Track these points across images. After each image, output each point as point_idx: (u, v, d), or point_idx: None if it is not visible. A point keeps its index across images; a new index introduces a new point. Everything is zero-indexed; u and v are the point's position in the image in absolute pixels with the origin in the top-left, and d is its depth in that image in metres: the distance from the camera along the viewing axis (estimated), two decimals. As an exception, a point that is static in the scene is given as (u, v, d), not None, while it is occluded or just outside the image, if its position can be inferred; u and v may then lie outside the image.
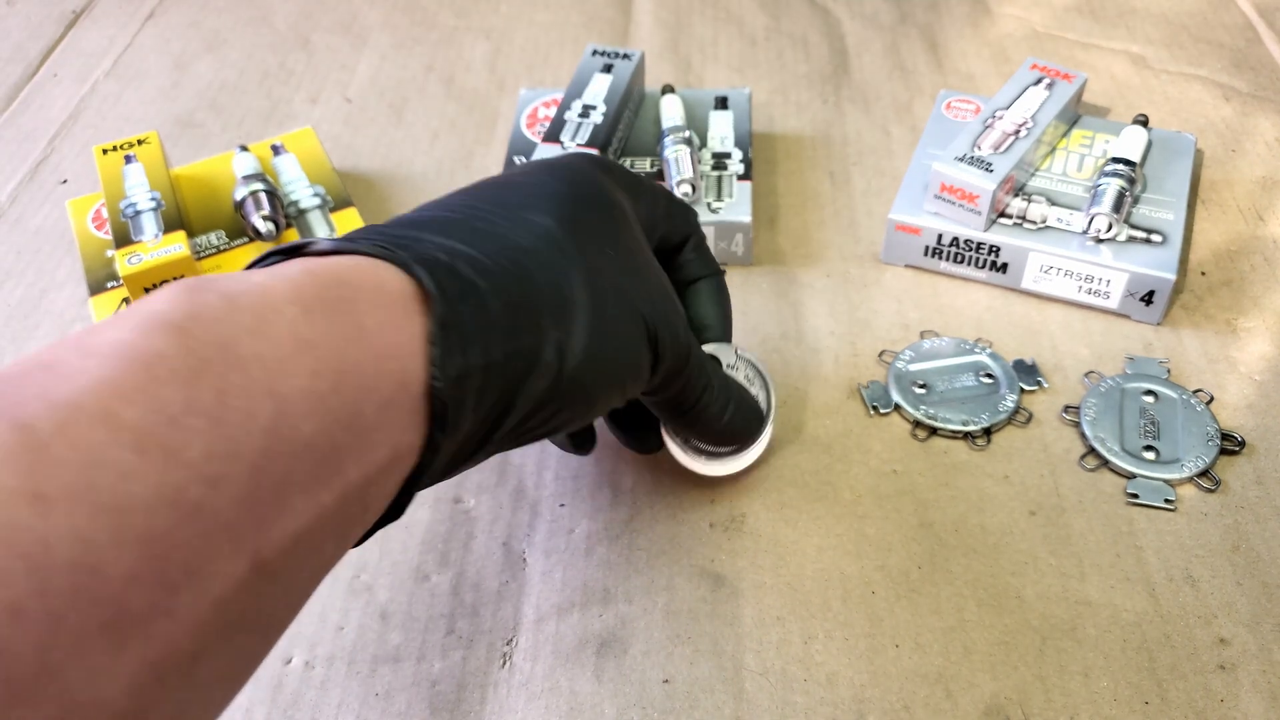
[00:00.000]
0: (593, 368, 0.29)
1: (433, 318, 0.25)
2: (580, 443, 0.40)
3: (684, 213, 0.38)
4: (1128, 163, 0.49)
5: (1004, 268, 0.49)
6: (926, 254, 0.50)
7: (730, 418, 0.37)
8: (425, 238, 0.28)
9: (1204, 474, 0.41)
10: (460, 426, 0.26)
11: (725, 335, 0.39)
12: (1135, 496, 0.41)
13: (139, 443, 0.19)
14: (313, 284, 0.24)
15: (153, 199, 0.49)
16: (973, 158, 0.49)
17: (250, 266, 0.27)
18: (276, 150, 0.56)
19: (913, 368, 0.46)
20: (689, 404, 0.35)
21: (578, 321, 0.29)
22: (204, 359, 0.21)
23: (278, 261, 0.26)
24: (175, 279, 0.46)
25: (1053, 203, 0.50)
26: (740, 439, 0.39)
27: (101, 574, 0.18)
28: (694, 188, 0.50)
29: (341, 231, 0.51)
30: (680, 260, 0.38)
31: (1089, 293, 0.48)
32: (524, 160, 0.53)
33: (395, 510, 0.27)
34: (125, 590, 0.18)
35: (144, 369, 0.20)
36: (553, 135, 0.51)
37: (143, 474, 0.19)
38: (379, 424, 0.24)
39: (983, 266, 0.50)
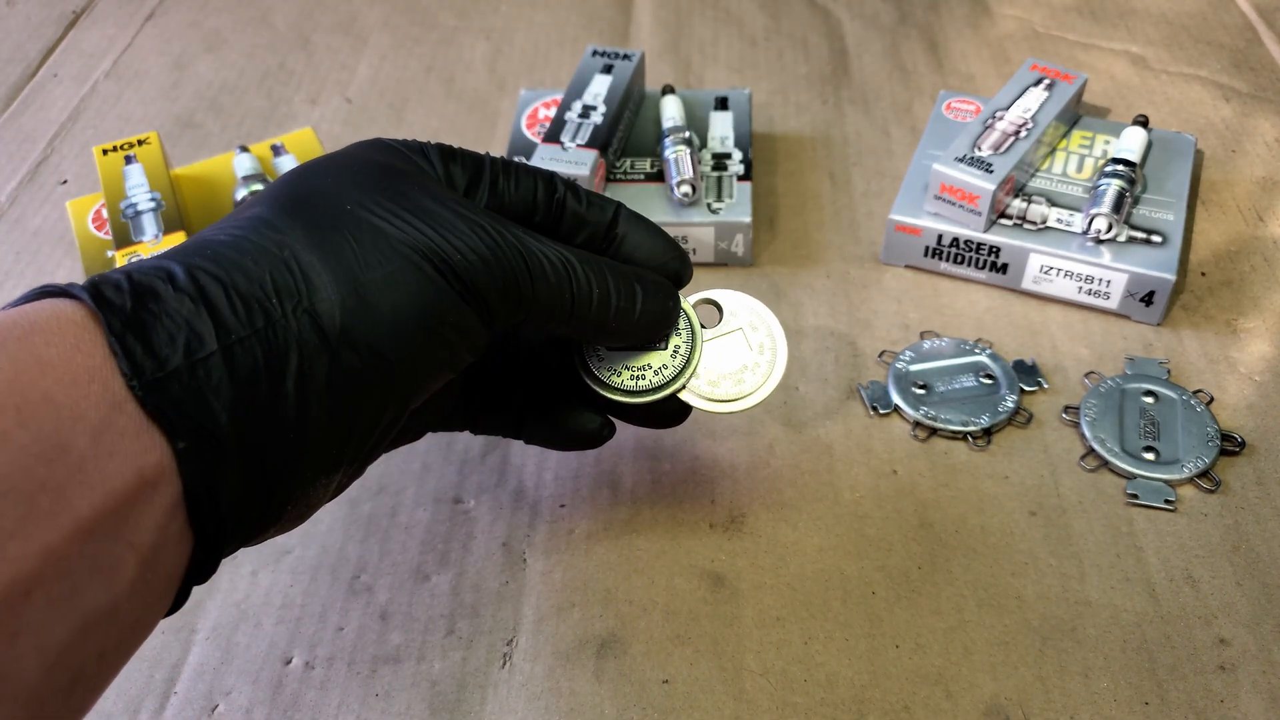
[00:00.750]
0: (372, 326, 0.27)
1: (109, 334, 0.24)
2: (582, 436, 0.38)
3: (527, 170, 0.34)
4: (1128, 163, 0.49)
5: (1004, 268, 0.49)
6: (926, 254, 0.50)
7: (643, 303, 0.33)
8: (134, 267, 0.26)
9: (1204, 474, 0.41)
10: (214, 433, 0.25)
11: (673, 261, 0.36)
12: (1135, 497, 0.41)
13: None
14: None
15: (153, 199, 0.49)
16: (973, 158, 0.49)
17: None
18: (277, 150, 0.56)
19: (913, 368, 0.46)
20: (585, 318, 0.32)
21: (319, 288, 0.27)
22: None
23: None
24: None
25: (1053, 203, 0.50)
26: (666, 318, 0.35)
27: None
28: (694, 188, 0.50)
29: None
30: (566, 213, 0.34)
31: (1089, 293, 0.48)
32: (524, 161, 0.53)
33: (233, 539, 0.26)
34: None
35: None
36: (553, 135, 0.51)
37: None
38: (98, 451, 0.22)
39: (983, 267, 0.50)
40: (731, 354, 0.37)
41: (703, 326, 0.37)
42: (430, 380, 0.30)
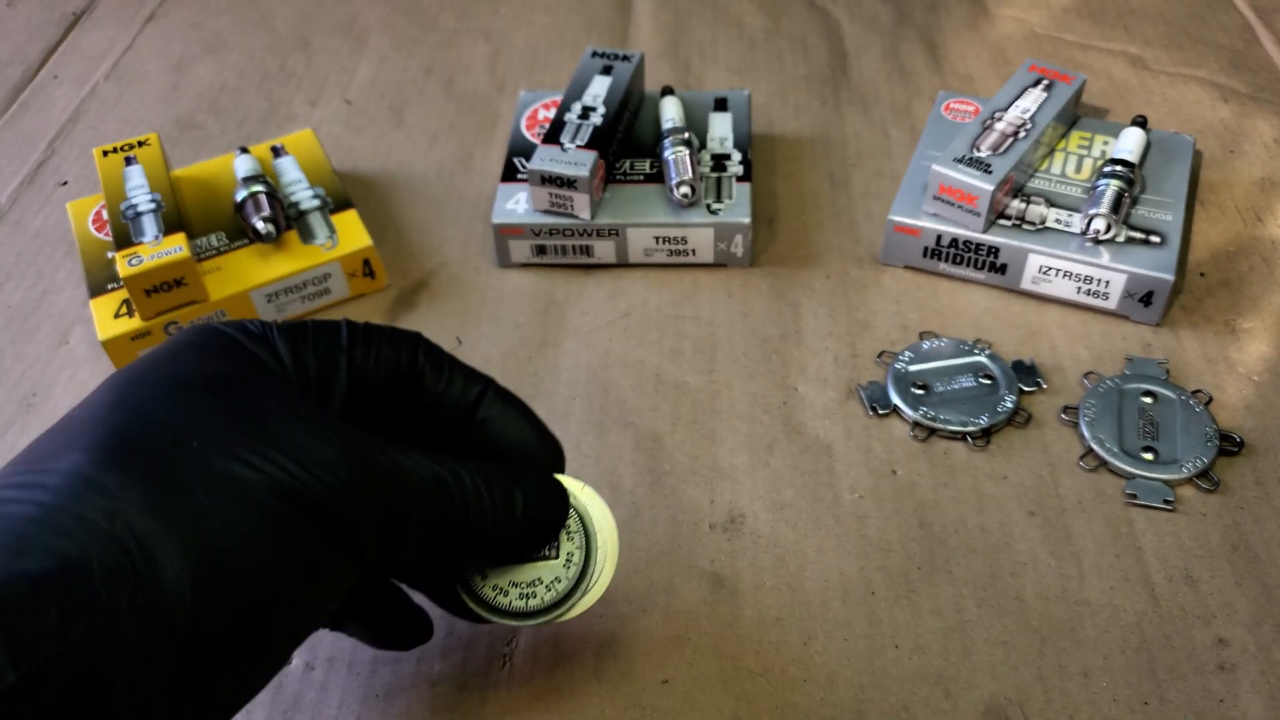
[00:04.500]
0: (231, 597, 0.22)
1: None
2: (390, 631, 0.33)
3: (386, 338, 0.30)
4: (1126, 164, 0.49)
5: (1003, 269, 0.49)
6: (925, 255, 0.51)
7: (524, 510, 0.29)
8: None
9: (1203, 474, 0.41)
10: None
11: (543, 451, 0.32)
12: (1134, 497, 0.41)
13: None
14: None
15: (153, 201, 0.49)
16: (971, 159, 0.49)
17: None
18: (276, 152, 0.56)
19: (912, 369, 0.46)
20: (465, 539, 0.28)
21: (164, 564, 0.22)
22: None
23: None
24: (176, 281, 0.46)
25: (1051, 204, 0.50)
26: (552, 523, 0.31)
27: None
28: (693, 189, 0.50)
29: (341, 232, 0.51)
30: (424, 390, 0.30)
31: (1088, 294, 0.48)
32: (523, 162, 0.53)
33: None
34: None
35: None
36: (552, 136, 0.51)
37: None
38: None
39: (981, 268, 0.50)
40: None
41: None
42: (293, 639, 0.25)
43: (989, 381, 0.45)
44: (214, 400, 0.25)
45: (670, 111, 0.55)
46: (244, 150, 0.55)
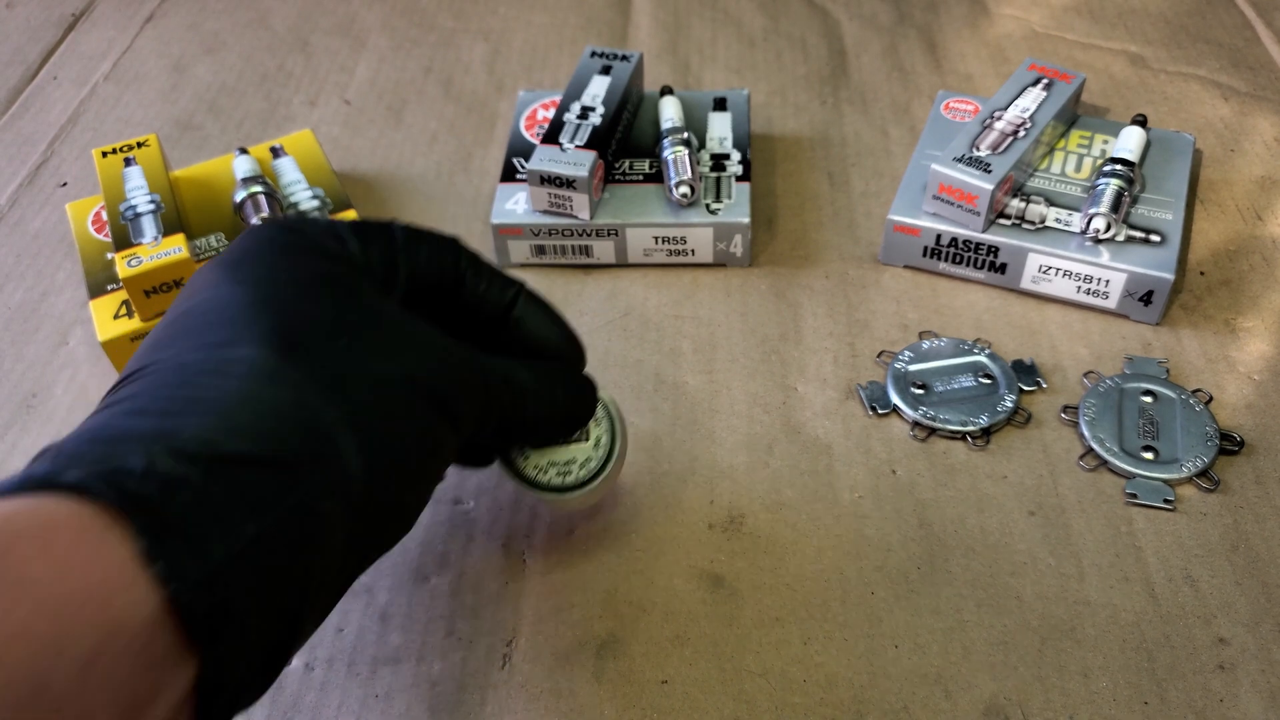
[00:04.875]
0: (388, 482, 0.26)
1: (140, 535, 0.21)
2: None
3: (432, 241, 0.32)
4: (1126, 163, 0.49)
5: (1003, 268, 0.49)
6: (925, 255, 0.50)
7: (565, 401, 0.34)
8: (122, 438, 0.23)
9: (1203, 474, 0.41)
10: (244, 628, 0.22)
11: (569, 348, 0.35)
12: (1134, 496, 0.41)
13: None
14: None
15: (152, 201, 0.49)
16: (971, 158, 0.49)
17: None
18: (276, 152, 0.56)
19: (912, 368, 0.46)
20: (522, 425, 0.32)
21: (344, 451, 0.25)
22: None
23: None
24: (175, 282, 0.46)
25: (1051, 203, 0.50)
26: (586, 413, 0.36)
27: None
28: (692, 189, 0.50)
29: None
30: (466, 291, 0.33)
31: (1088, 293, 0.48)
32: (522, 162, 0.53)
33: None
34: None
35: None
36: (551, 136, 0.51)
37: None
38: (83, 688, 0.19)
39: (981, 267, 0.50)
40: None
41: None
42: (422, 505, 0.29)
43: (989, 381, 0.45)
44: (335, 298, 0.28)
45: (669, 111, 0.55)
46: (243, 151, 0.55)
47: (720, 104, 0.57)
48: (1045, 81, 0.54)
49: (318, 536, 0.24)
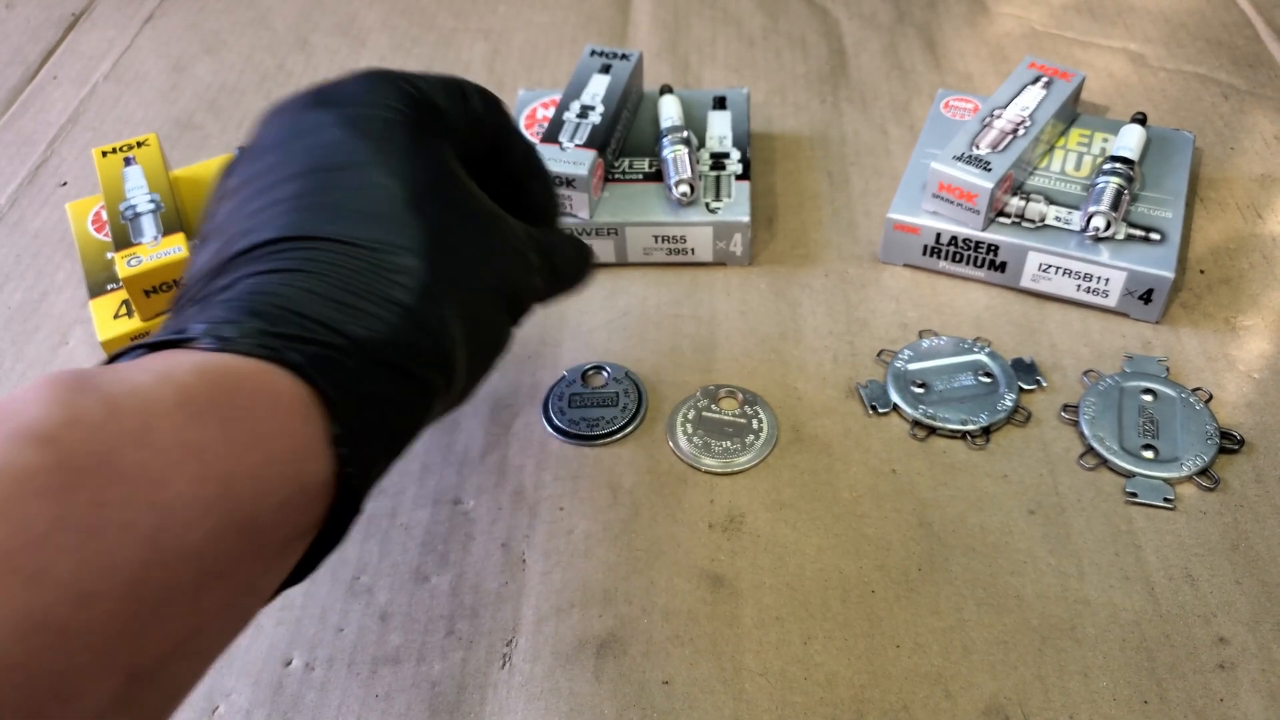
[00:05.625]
0: (477, 384, 0.32)
1: (335, 422, 0.25)
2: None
3: (488, 97, 0.35)
4: (1126, 161, 0.49)
5: (1002, 267, 0.49)
6: (925, 253, 0.50)
7: (575, 262, 0.37)
8: (303, 321, 0.26)
9: (1203, 472, 0.41)
10: (367, 492, 0.28)
11: (552, 205, 0.38)
12: (1134, 495, 0.41)
13: (1, 565, 0.18)
14: (203, 388, 0.23)
15: (152, 201, 0.49)
16: (971, 157, 0.49)
17: (120, 355, 0.26)
18: (275, 152, 0.55)
19: (911, 367, 0.46)
20: (559, 282, 0.36)
21: (457, 364, 0.29)
22: (79, 470, 0.20)
23: (144, 353, 0.25)
24: (175, 282, 0.46)
25: (1051, 201, 0.50)
26: (588, 273, 0.39)
27: None
28: (692, 188, 0.50)
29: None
30: (506, 157, 0.36)
31: (1087, 291, 0.48)
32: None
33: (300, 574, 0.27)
34: None
35: (11, 486, 0.19)
36: (551, 135, 0.51)
37: (5, 598, 0.18)
38: (276, 523, 0.24)
39: (981, 265, 0.50)
40: None
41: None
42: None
43: (988, 380, 0.45)
44: (453, 196, 0.31)
45: (669, 110, 0.55)
46: (243, 150, 0.54)
47: (720, 103, 0.57)
48: (1045, 80, 0.54)
49: (425, 425, 0.29)
